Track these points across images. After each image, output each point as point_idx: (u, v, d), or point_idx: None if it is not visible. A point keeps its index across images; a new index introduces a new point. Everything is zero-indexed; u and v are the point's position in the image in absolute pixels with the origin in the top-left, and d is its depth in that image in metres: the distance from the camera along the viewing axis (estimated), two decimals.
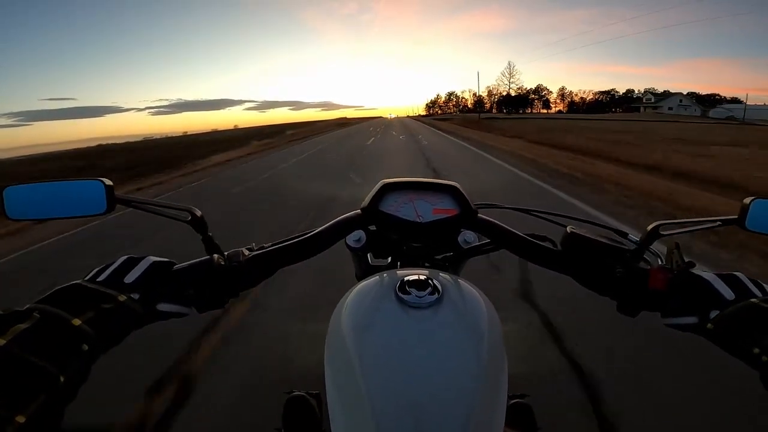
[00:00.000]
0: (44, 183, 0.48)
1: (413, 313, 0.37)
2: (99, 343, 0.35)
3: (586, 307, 1.84)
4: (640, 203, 4.62)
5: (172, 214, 0.48)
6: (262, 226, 4.32)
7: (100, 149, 42.09)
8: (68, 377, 0.31)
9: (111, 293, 0.38)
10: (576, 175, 6.58)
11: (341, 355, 0.37)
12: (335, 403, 0.35)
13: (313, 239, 0.51)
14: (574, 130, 19.68)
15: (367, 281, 0.44)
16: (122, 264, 0.43)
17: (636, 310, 0.47)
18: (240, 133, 44.87)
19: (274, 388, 0.98)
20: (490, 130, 20.92)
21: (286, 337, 2.00)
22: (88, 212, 0.46)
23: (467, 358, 0.34)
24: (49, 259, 3.83)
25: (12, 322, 0.31)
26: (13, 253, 4.04)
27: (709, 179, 6.27)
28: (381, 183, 0.55)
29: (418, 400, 0.31)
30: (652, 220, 0.48)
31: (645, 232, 0.48)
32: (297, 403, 0.61)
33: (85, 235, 4.53)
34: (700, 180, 6.31)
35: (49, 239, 4.41)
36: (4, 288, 3.10)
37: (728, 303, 0.40)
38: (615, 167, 7.55)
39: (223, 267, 0.46)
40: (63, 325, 0.33)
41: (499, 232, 0.53)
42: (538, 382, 1.60)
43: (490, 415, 0.33)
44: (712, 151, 10.73)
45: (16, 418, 0.26)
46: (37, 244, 4.29)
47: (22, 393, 0.27)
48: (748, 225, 0.47)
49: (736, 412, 1.42)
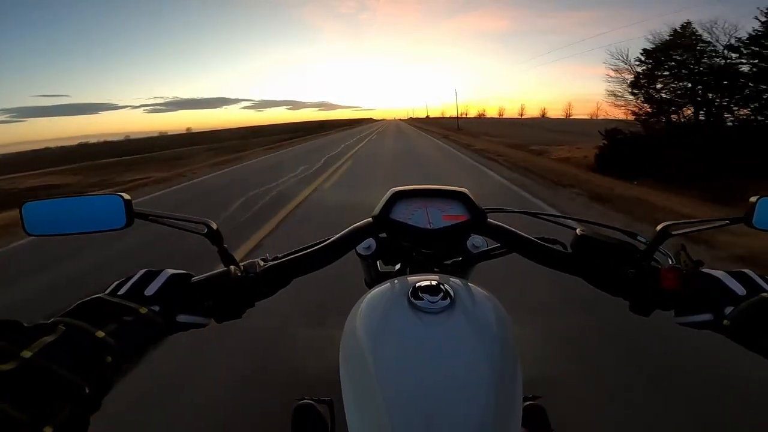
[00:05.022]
0: (63, 198, 0.49)
1: (426, 318, 0.38)
2: (122, 354, 0.35)
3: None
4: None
5: (189, 227, 0.49)
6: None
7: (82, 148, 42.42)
8: (93, 388, 0.31)
9: (132, 306, 0.39)
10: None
11: (356, 362, 0.37)
12: (351, 409, 0.35)
13: (326, 249, 0.52)
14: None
15: (380, 288, 0.45)
16: (141, 277, 0.44)
17: (649, 309, 0.47)
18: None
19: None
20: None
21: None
22: (106, 227, 0.46)
23: (481, 362, 0.35)
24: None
25: (38, 334, 0.32)
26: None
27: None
28: (391, 191, 0.55)
29: (434, 404, 0.31)
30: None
31: (654, 233, 0.48)
32: (306, 411, 0.61)
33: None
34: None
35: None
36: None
37: (740, 299, 0.41)
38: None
39: (240, 278, 0.47)
40: (87, 337, 0.34)
41: (509, 236, 0.54)
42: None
43: (506, 418, 0.33)
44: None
45: (44, 429, 0.27)
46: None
47: (48, 404, 0.28)
48: (755, 223, 0.48)
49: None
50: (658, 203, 5.20)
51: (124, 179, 11.92)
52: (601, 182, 6.95)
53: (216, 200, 6.20)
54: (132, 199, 0.46)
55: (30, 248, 4.17)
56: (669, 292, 0.45)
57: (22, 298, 2.92)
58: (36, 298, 2.88)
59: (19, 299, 2.91)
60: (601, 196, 5.42)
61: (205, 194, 7.19)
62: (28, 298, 2.92)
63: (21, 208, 0.48)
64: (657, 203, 5.20)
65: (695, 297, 0.44)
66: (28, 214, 0.48)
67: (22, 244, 4.32)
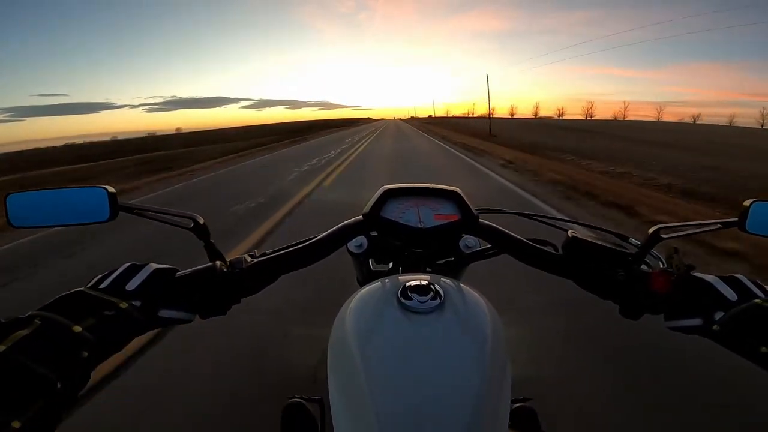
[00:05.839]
0: (47, 190, 0.48)
1: (415, 318, 0.37)
2: (99, 349, 0.35)
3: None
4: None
5: (175, 221, 0.48)
6: None
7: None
8: (66, 383, 0.31)
9: (112, 300, 0.38)
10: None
11: (345, 361, 0.37)
12: (339, 408, 0.35)
13: (315, 246, 0.51)
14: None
15: (369, 287, 0.44)
16: (124, 271, 0.43)
17: (639, 313, 0.47)
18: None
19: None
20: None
21: None
22: (91, 219, 0.46)
23: (470, 363, 0.34)
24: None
25: (13, 328, 0.31)
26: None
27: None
28: (382, 189, 0.55)
29: (421, 404, 0.31)
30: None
31: (646, 236, 0.48)
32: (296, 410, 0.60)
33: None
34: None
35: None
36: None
37: (732, 304, 0.40)
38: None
39: (226, 274, 0.46)
40: (63, 331, 0.33)
41: (501, 237, 0.53)
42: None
43: (494, 419, 0.33)
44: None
45: (12, 424, 0.26)
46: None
47: (19, 398, 0.28)
48: (749, 227, 0.48)
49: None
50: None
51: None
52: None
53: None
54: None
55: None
56: (659, 296, 0.45)
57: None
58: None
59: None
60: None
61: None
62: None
63: (5, 200, 0.47)
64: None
65: (686, 301, 0.43)
66: (12, 206, 0.47)
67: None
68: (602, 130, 37.69)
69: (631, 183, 8.14)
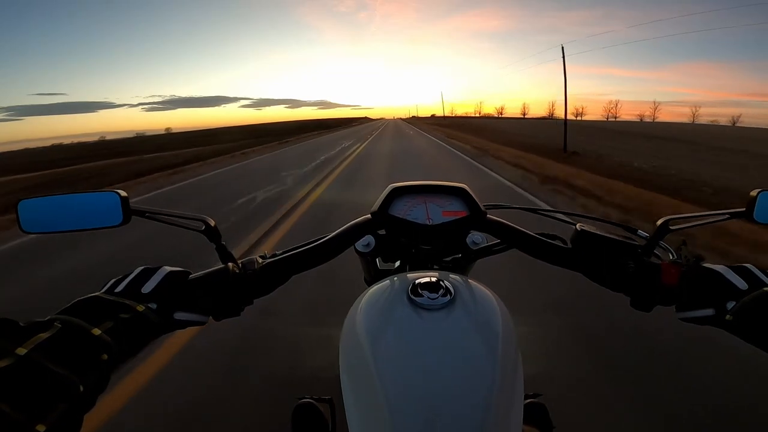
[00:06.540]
0: (58, 196, 0.48)
1: (426, 315, 0.37)
2: (118, 352, 0.35)
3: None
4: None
5: (186, 224, 0.48)
6: None
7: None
8: (87, 386, 0.31)
9: (129, 304, 0.39)
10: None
11: (357, 360, 0.37)
12: (352, 407, 0.35)
13: (324, 246, 0.51)
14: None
15: (379, 285, 0.44)
16: (138, 275, 0.43)
17: (650, 305, 0.47)
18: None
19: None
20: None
21: None
22: (103, 224, 0.46)
23: (482, 359, 0.34)
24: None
25: (34, 332, 0.31)
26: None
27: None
28: (390, 187, 0.55)
29: (435, 401, 0.31)
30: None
31: (655, 228, 0.48)
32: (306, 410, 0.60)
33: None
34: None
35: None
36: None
37: (742, 293, 0.40)
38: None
39: (238, 275, 0.47)
40: (83, 334, 0.33)
41: (509, 232, 0.53)
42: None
43: (508, 415, 0.33)
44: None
45: (37, 427, 0.26)
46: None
47: (42, 402, 0.28)
48: (756, 217, 0.48)
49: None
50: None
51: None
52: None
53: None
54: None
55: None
56: (670, 287, 0.45)
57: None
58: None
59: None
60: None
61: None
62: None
63: (17, 206, 0.47)
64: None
65: (697, 292, 0.44)
66: (23, 212, 0.47)
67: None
68: (674, 136, 27.69)
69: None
